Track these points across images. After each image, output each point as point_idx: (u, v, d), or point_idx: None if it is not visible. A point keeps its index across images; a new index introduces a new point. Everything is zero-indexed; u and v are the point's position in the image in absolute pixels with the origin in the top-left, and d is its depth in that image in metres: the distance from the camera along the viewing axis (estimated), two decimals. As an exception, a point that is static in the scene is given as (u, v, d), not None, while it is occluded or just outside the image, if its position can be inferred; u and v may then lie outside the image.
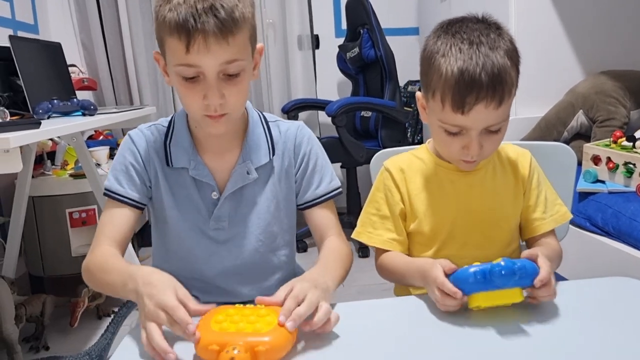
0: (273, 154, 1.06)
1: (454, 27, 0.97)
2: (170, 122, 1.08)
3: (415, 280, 0.96)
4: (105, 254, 0.97)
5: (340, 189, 1.11)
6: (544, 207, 1.08)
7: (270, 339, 0.72)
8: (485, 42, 0.93)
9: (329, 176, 1.10)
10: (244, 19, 0.91)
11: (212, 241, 1.06)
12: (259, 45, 1.00)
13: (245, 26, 0.92)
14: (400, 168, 1.09)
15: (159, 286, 0.79)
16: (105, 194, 1.04)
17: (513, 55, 0.95)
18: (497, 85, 0.91)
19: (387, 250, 1.07)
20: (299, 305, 0.77)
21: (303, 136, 1.09)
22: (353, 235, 1.10)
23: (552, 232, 1.09)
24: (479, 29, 0.95)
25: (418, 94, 1.04)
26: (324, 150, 1.12)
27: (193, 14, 0.87)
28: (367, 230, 1.08)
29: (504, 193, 1.07)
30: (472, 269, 0.82)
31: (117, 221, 1.02)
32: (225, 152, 1.05)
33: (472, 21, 0.97)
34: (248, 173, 1.04)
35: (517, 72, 0.96)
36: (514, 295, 0.81)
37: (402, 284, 1.10)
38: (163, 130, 1.07)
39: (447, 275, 0.85)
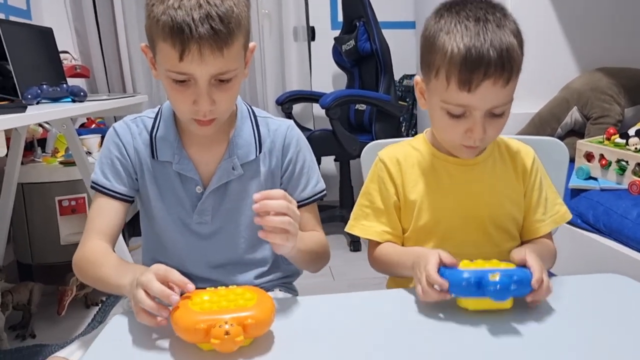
0: (260, 152, 1.05)
1: (457, 6, 0.94)
2: (157, 113, 1.06)
3: (407, 268, 0.93)
4: (96, 248, 0.97)
5: (325, 192, 1.11)
6: (544, 209, 1.05)
7: (256, 313, 0.72)
8: (492, 20, 0.90)
9: (315, 179, 1.09)
10: (240, 26, 0.89)
11: (196, 235, 1.05)
12: (251, 44, 0.97)
13: (241, 33, 0.90)
14: (396, 159, 1.05)
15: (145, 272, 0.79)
16: (92, 187, 1.03)
17: (518, 35, 0.93)
18: (506, 62, 0.88)
19: (381, 243, 1.04)
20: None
21: (292, 137, 1.07)
22: (346, 229, 1.08)
23: (549, 232, 1.06)
24: (484, 7, 0.92)
25: (417, 79, 1.01)
26: (312, 152, 1.11)
27: (188, 23, 0.83)
28: (360, 222, 1.06)
29: (502, 189, 1.04)
30: (465, 274, 0.80)
31: (105, 215, 1.01)
32: (211, 146, 1.03)
33: (476, 0, 0.94)
34: (233, 169, 1.02)
35: (522, 53, 0.93)
36: (504, 303, 0.80)
37: (394, 275, 1.08)
38: (149, 122, 1.05)
39: (444, 268, 0.82)
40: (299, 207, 1.05)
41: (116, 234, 1.02)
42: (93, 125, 3.08)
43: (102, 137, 2.80)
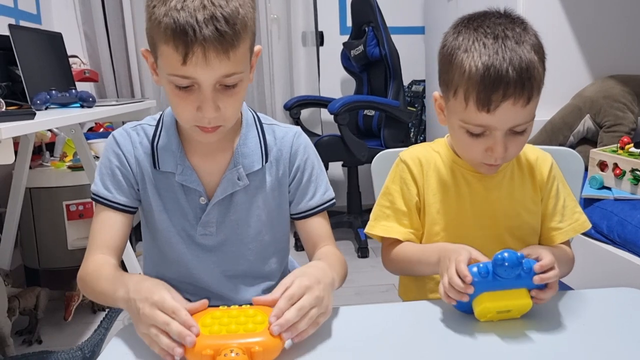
0: (266, 161, 1.01)
1: (475, 22, 0.92)
2: (158, 121, 1.01)
3: (430, 264, 0.91)
4: (98, 263, 0.94)
5: (334, 200, 1.07)
6: (560, 217, 1.03)
7: (265, 339, 0.70)
8: (511, 36, 0.88)
9: (324, 187, 1.05)
10: (245, 28, 0.85)
11: (200, 247, 1.02)
12: (257, 48, 0.93)
13: (247, 35, 0.86)
14: (418, 160, 1.04)
15: (152, 289, 0.76)
16: (93, 198, 1.00)
17: (539, 50, 0.90)
18: (526, 81, 0.86)
19: (399, 242, 1.02)
20: (293, 304, 0.74)
21: (299, 145, 1.04)
22: (366, 230, 1.06)
23: (567, 240, 1.04)
24: (503, 23, 0.90)
25: (435, 94, 0.99)
26: (320, 159, 1.08)
27: (192, 25, 0.79)
28: (381, 223, 1.03)
29: (521, 199, 1.02)
30: (475, 269, 0.79)
31: (108, 228, 0.98)
32: (215, 155, 0.99)
33: (495, 15, 0.92)
34: (239, 179, 0.99)
35: (544, 68, 0.91)
36: (520, 295, 0.79)
37: (411, 273, 1.06)
38: (150, 130, 1.01)
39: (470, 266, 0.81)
40: (307, 216, 1.05)
41: (121, 247, 0.98)
42: (101, 130, 3.08)
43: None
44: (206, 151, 0.99)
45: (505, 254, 0.77)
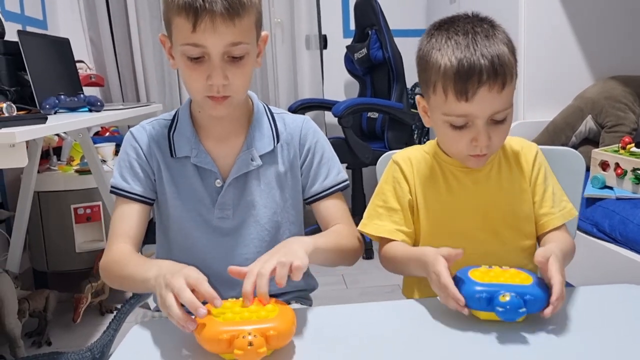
0: (277, 142, 1.06)
1: (446, 24, 0.98)
2: (174, 114, 1.08)
3: (418, 271, 0.94)
4: (123, 251, 0.99)
5: (348, 182, 1.11)
6: (551, 202, 1.05)
7: (278, 324, 0.73)
8: (480, 32, 0.93)
9: (336, 169, 1.10)
10: (251, 3, 0.93)
11: (217, 231, 1.05)
12: (263, 33, 1.01)
13: (252, 10, 0.94)
14: (409, 160, 1.08)
15: (185, 268, 0.81)
16: (112, 192, 1.05)
17: (509, 43, 0.95)
18: (498, 67, 0.91)
19: (392, 241, 1.04)
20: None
21: (309, 129, 1.09)
22: (359, 228, 1.09)
23: (563, 226, 1.06)
24: (472, 21, 0.96)
25: (418, 97, 1.04)
26: (330, 144, 1.12)
27: None
28: (373, 222, 1.07)
29: (510, 188, 1.05)
30: (478, 287, 0.80)
31: (127, 219, 1.03)
32: (228, 138, 1.05)
33: (464, 17, 0.98)
34: (252, 160, 1.04)
35: (515, 59, 0.96)
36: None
37: (405, 274, 1.09)
38: (165, 124, 1.07)
39: (459, 276, 0.83)
40: (322, 197, 1.08)
41: (140, 236, 1.03)
42: (107, 134, 3.11)
43: (117, 145, 2.82)
44: (220, 135, 1.05)
45: (508, 297, 0.77)
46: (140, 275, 0.89)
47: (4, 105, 1.51)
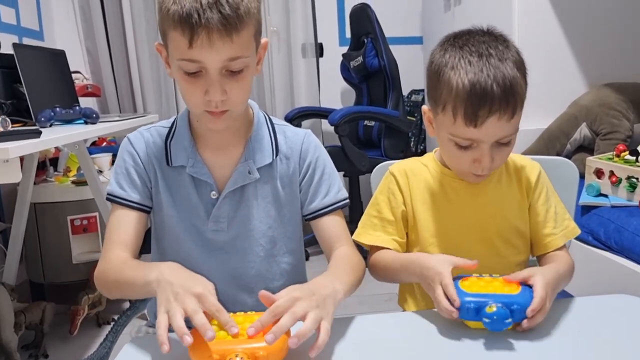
0: (276, 155, 1.04)
1: (460, 40, 0.97)
2: (173, 122, 1.06)
3: (411, 276, 0.94)
4: (119, 257, 0.96)
5: (348, 200, 1.08)
6: (554, 223, 1.06)
7: (269, 345, 0.71)
8: (494, 54, 0.93)
9: (337, 186, 1.07)
10: (249, 15, 0.89)
11: (211, 244, 1.03)
12: (263, 40, 0.98)
13: (250, 22, 0.90)
14: (405, 172, 1.08)
15: (194, 280, 0.79)
16: (108, 199, 1.03)
17: (521, 66, 0.95)
18: (510, 97, 0.91)
19: (382, 249, 1.05)
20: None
21: (310, 143, 1.07)
22: (353, 237, 1.08)
23: (563, 246, 1.07)
24: (487, 41, 0.95)
25: (424, 108, 1.04)
26: (331, 160, 1.10)
27: (197, 9, 0.85)
28: (367, 231, 1.07)
29: (508, 204, 1.06)
30: (467, 297, 0.82)
31: (124, 226, 1.00)
32: (227, 148, 1.03)
33: (479, 34, 0.97)
34: (250, 172, 1.02)
35: (526, 83, 0.96)
36: None
37: (395, 281, 1.08)
38: (163, 132, 1.05)
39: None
40: (321, 214, 1.05)
41: (137, 245, 1.00)
42: (104, 144, 3.11)
43: (114, 156, 2.82)
44: (218, 146, 1.03)
45: (494, 308, 0.79)
46: (140, 278, 0.86)
47: (-1, 119, 1.51)
